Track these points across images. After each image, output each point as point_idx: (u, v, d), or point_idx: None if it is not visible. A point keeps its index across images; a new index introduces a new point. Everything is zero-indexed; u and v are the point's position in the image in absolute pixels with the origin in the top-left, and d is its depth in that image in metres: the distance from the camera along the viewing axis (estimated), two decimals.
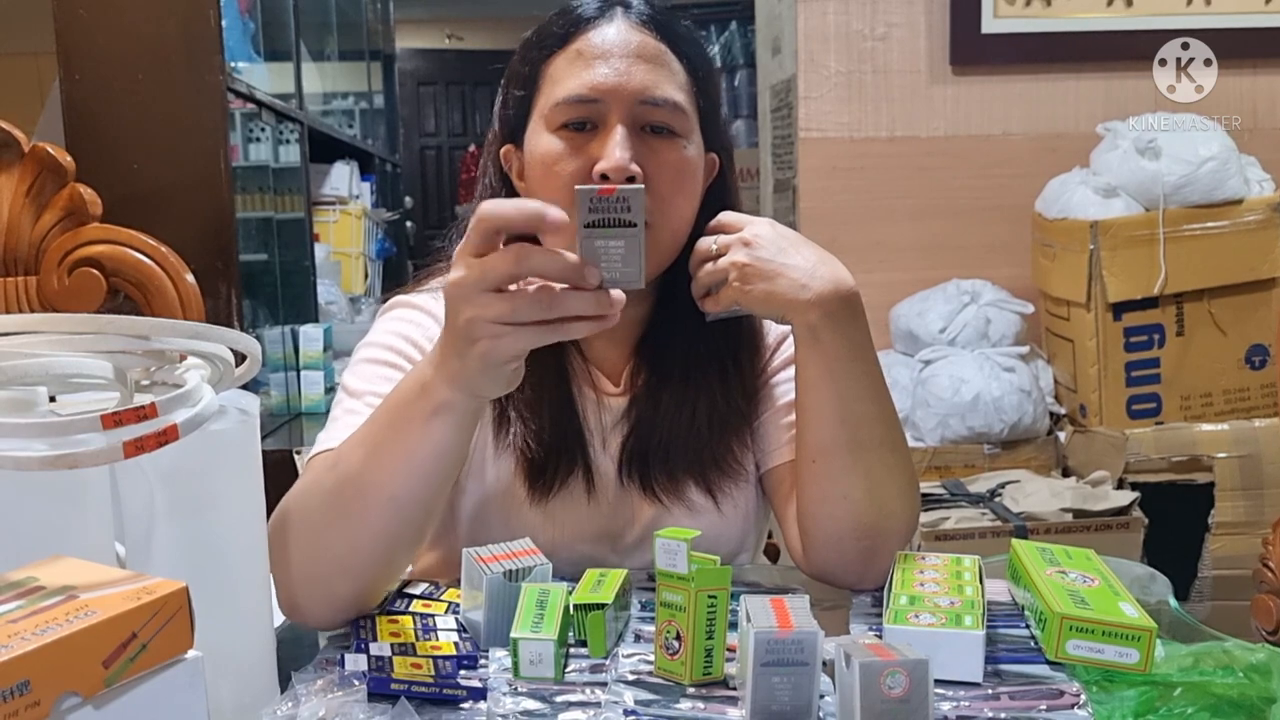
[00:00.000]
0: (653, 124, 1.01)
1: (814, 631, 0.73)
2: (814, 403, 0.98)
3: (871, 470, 0.96)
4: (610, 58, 1.00)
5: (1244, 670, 0.77)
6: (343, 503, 0.87)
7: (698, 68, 1.05)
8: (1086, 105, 2.66)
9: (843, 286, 0.95)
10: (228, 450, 0.75)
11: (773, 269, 0.94)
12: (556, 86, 1.01)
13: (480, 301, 0.77)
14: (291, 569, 0.88)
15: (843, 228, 2.70)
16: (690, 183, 1.03)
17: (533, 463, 1.04)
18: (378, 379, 1.02)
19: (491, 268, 0.77)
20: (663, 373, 1.07)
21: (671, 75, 1.02)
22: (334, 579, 0.88)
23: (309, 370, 2.74)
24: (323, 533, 0.87)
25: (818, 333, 0.94)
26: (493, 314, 0.77)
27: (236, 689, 0.75)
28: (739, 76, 4.86)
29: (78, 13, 2.00)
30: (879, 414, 0.98)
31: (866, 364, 0.97)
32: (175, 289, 1.12)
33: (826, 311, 0.94)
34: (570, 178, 0.99)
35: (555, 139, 1.01)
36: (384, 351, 1.05)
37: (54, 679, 0.50)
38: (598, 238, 0.78)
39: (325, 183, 3.41)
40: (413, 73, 7.12)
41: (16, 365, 0.67)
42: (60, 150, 1.12)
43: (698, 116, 1.04)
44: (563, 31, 1.04)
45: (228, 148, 2.09)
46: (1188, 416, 2.36)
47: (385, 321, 1.09)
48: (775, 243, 0.95)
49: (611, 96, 0.99)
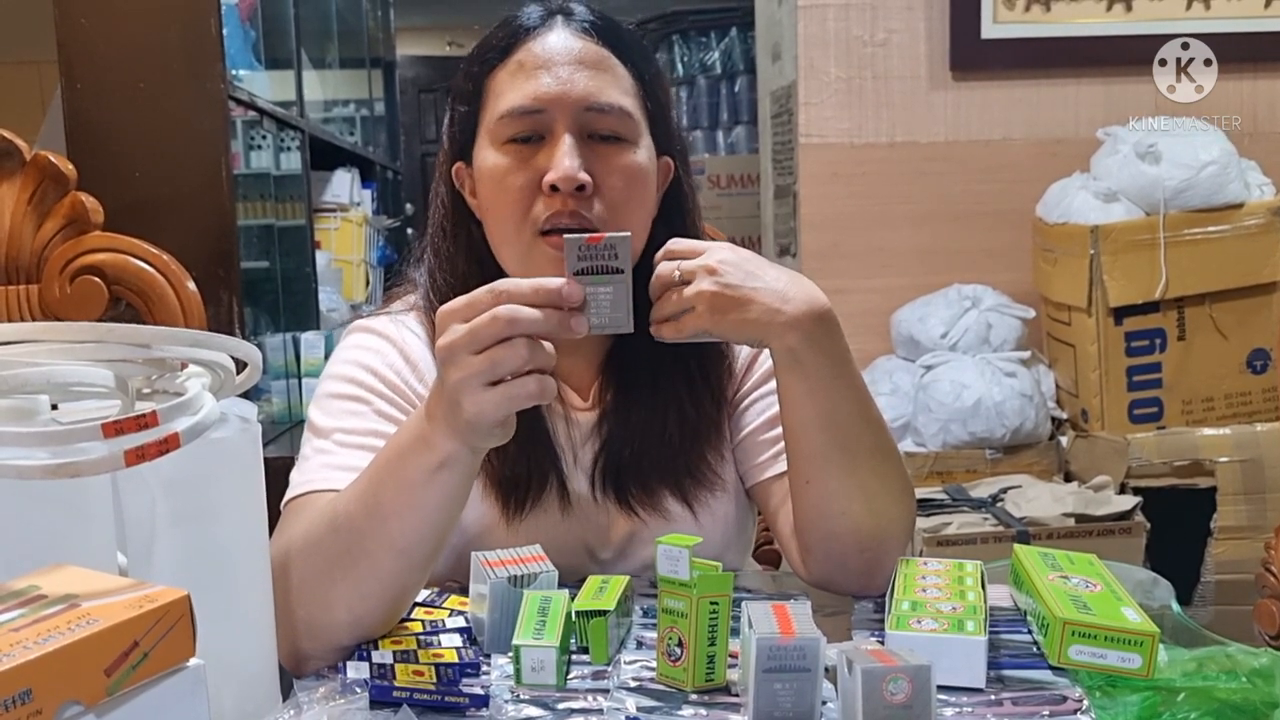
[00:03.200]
0: (600, 132, 0.99)
1: (816, 637, 0.73)
2: (801, 423, 0.95)
3: (866, 483, 0.95)
4: (552, 66, 0.99)
5: (1247, 675, 0.77)
6: (349, 561, 0.85)
7: (643, 71, 1.04)
8: (1086, 110, 2.66)
9: (817, 305, 0.92)
10: (229, 458, 0.75)
11: (744, 295, 0.89)
12: (500, 100, 1.00)
13: (466, 364, 0.78)
14: (297, 624, 0.86)
15: (844, 233, 2.70)
16: (642, 188, 1.01)
17: (504, 482, 1.03)
18: (343, 414, 1.02)
19: (479, 330, 0.78)
20: (631, 385, 1.06)
21: (616, 80, 1.01)
22: (341, 629, 0.87)
23: (310, 378, 2.74)
24: (329, 589, 0.86)
25: (798, 355, 0.92)
26: (477, 371, 0.78)
27: (239, 697, 0.75)
28: (739, 82, 4.86)
29: (79, 21, 2.00)
30: (866, 423, 0.96)
31: (849, 377, 0.95)
32: (177, 297, 1.12)
33: (804, 333, 0.91)
34: (519, 191, 0.98)
35: (502, 154, 1.00)
36: (346, 385, 1.04)
37: (56, 688, 0.50)
38: (586, 285, 0.81)
39: (326, 190, 3.41)
40: (414, 80, 7.13)
41: (18, 374, 0.67)
42: (62, 159, 1.12)
43: (647, 121, 1.03)
44: (503, 44, 1.02)
45: (229, 155, 2.09)
46: (1189, 421, 2.36)
47: (346, 350, 1.08)
48: (741, 267, 0.91)
49: (555, 105, 0.98)
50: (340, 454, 0.99)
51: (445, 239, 1.08)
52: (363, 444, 0.99)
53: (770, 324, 0.90)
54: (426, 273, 1.09)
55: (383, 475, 0.86)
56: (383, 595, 0.86)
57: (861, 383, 0.96)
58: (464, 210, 1.07)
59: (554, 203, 0.97)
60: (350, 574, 0.85)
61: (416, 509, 0.84)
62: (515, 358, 0.78)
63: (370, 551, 0.85)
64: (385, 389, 1.04)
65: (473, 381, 0.78)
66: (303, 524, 0.91)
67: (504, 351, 0.78)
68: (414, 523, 0.84)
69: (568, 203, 0.97)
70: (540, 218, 0.98)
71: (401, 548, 0.85)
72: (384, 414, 1.02)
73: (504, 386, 0.79)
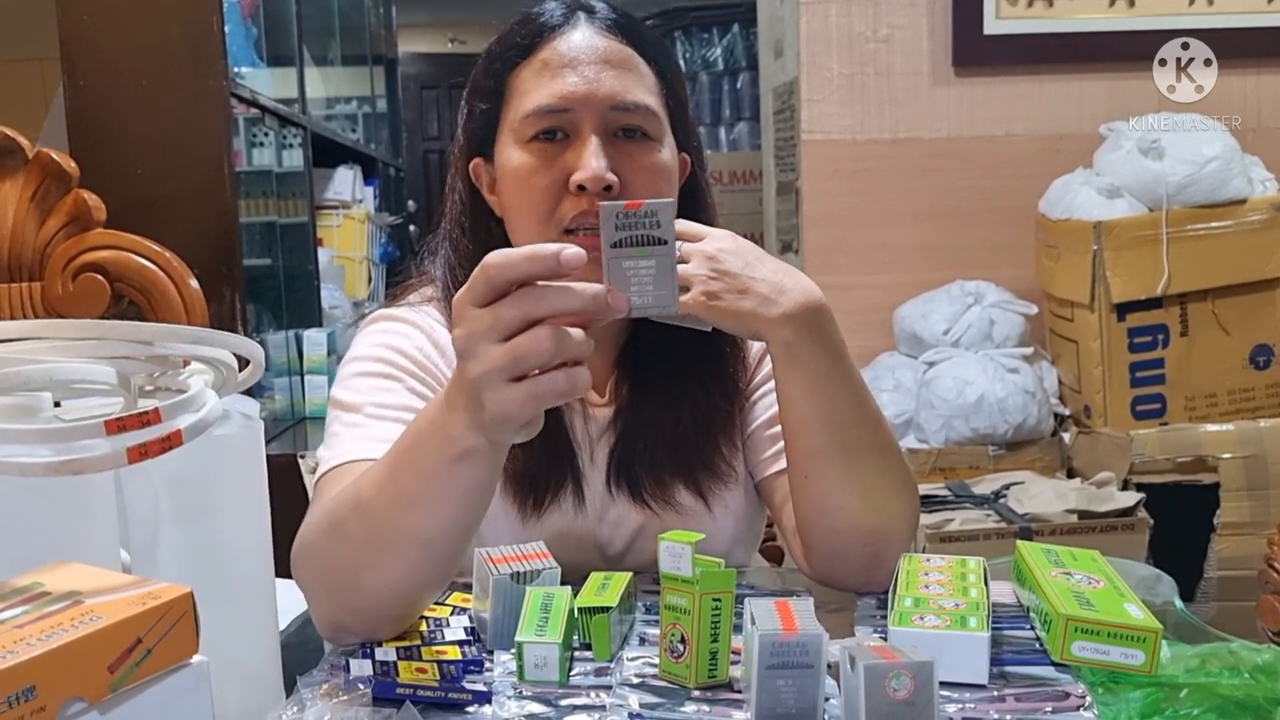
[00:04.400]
0: (625, 128, 0.99)
1: (819, 634, 0.73)
2: (798, 417, 0.95)
3: (865, 478, 0.95)
4: (578, 65, 0.99)
5: (1250, 671, 0.77)
6: (374, 550, 0.83)
7: (665, 69, 1.04)
8: (1089, 106, 2.66)
9: (812, 298, 0.91)
10: (232, 455, 0.75)
11: (741, 283, 0.89)
12: (525, 98, 1.00)
13: (487, 356, 0.70)
14: (333, 599, 0.86)
15: (846, 230, 2.70)
16: (666, 185, 1.02)
17: (522, 480, 1.03)
18: (374, 390, 1.01)
19: (501, 315, 0.70)
20: (646, 380, 1.06)
21: (640, 79, 1.01)
22: (373, 612, 0.85)
23: (313, 375, 2.74)
24: (358, 573, 0.84)
25: (793, 348, 0.91)
26: (498, 365, 0.70)
27: (242, 694, 0.75)
28: (741, 79, 4.86)
29: (82, 19, 2.00)
30: (863, 418, 0.95)
31: (845, 371, 0.94)
32: (179, 294, 1.12)
33: (800, 325, 0.90)
34: (545, 190, 0.98)
35: (526, 152, 1.00)
36: (375, 364, 1.03)
37: (59, 684, 0.50)
38: (625, 258, 0.70)
39: (328, 187, 3.41)
40: (415, 77, 7.13)
41: (20, 371, 0.67)
42: (64, 156, 1.12)
43: (668, 118, 1.03)
44: (526, 41, 1.02)
45: (231, 153, 2.10)
46: (1192, 417, 2.36)
47: (370, 335, 1.07)
48: (741, 256, 0.90)
49: (582, 105, 0.98)
50: (375, 426, 0.98)
51: (464, 235, 1.08)
52: (398, 417, 0.98)
53: (765, 316, 0.90)
54: (445, 267, 1.09)
55: (402, 463, 0.81)
56: (410, 586, 0.85)
57: (859, 378, 0.96)
58: (482, 206, 1.07)
59: (581, 202, 0.97)
60: (375, 565, 0.83)
61: (438, 501, 0.80)
62: (541, 350, 0.69)
63: (392, 543, 0.82)
64: (415, 368, 1.03)
65: (495, 376, 0.70)
66: (330, 504, 0.88)
67: (528, 342, 0.69)
68: (436, 515, 0.80)
69: (594, 203, 0.97)
70: (566, 217, 0.98)
71: (425, 540, 0.82)
72: (416, 391, 1.02)
73: (529, 383, 0.70)
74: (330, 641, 0.89)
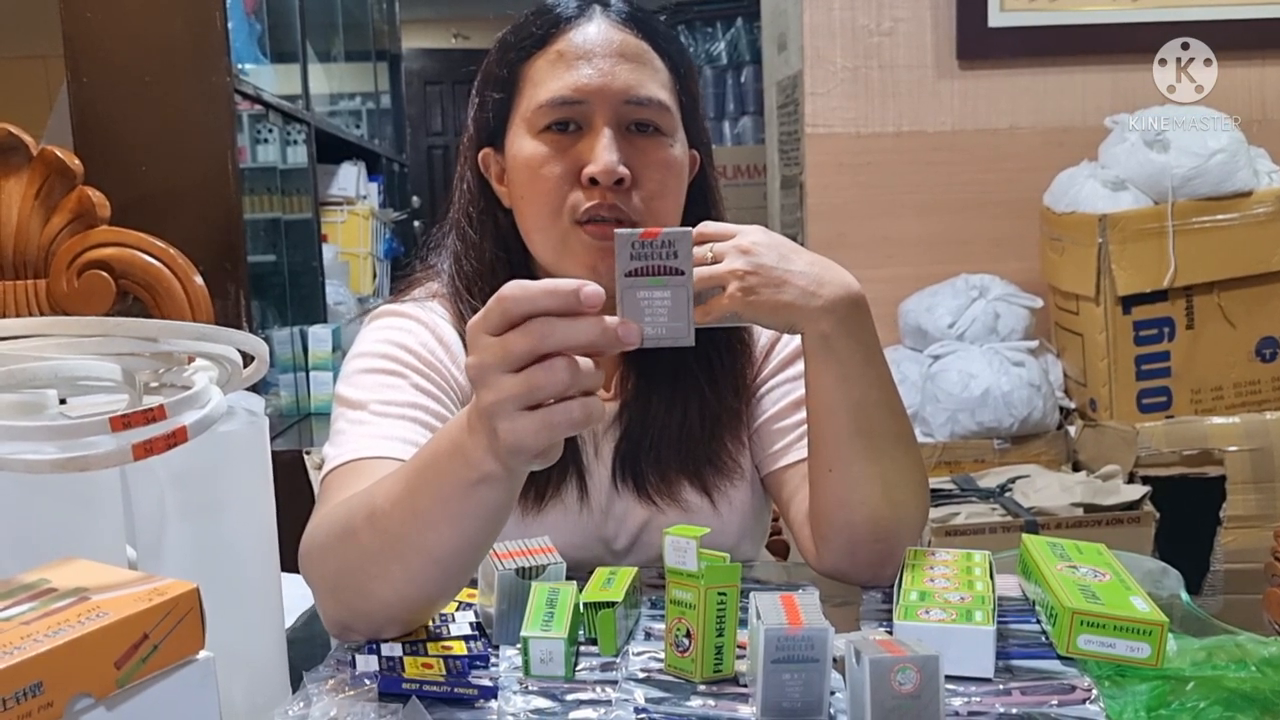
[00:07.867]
0: (638, 122, 0.99)
1: (824, 628, 0.72)
2: (828, 409, 0.94)
3: (887, 472, 0.95)
4: (593, 58, 0.99)
5: (1257, 664, 0.77)
6: (384, 562, 0.82)
7: (678, 64, 1.04)
8: (1094, 98, 2.65)
9: (851, 290, 0.91)
10: (237, 451, 0.75)
11: (779, 276, 0.88)
12: (538, 89, 1.00)
13: (500, 385, 0.69)
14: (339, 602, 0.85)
15: (850, 223, 2.70)
16: (677, 181, 1.02)
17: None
18: (379, 386, 1.00)
19: (512, 347, 0.69)
20: (652, 375, 1.06)
21: (654, 73, 1.01)
22: (379, 619, 0.84)
23: (318, 371, 2.75)
24: (367, 582, 0.83)
25: (831, 341, 0.91)
26: (511, 395, 0.69)
27: (248, 689, 0.75)
28: (745, 73, 4.85)
29: (85, 16, 2.00)
30: (891, 412, 0.96)
31: (878, 366, 0.94)
32: (184, 291, 1.12)
33: (839, 318, 0.90)
34: (556, 180, 0.98)
35: (539, 142, 1.00)
36: (380, 360, 1.03)
37: (66, 680, 0.50)
38: (640, 288, 0.70)
39: (332, 183, 3.42)
40: (419, 72, 7.12)
41: (26, 368, 0.67)
42: (68, 153, 1.12)
43: (681, 114, 1.03)
44: (541, 32, 1.02)
45: (235, 149, 2.10)
46: (1198, 410, 2.35)
47: (374, 331, 1.06)
48: (776, 249, 0.90)
49: (596, 97, 0.98)
50: (380, 423, 0.97)
51: (472, 225, 1.08)
52: (403, 414, 0.98)
53: (805, 308, 0.89)
54: (451, 258, 1.09)
55: (420, 480, 0.80)
56: (419, 599, 0.84)
57: (888, 371, 0.96)
58: (490, 196, 1.07)
59: (593, 195, 0.97)
60: (387, 572, 0.82)
61: (453, 521, 0.78)
62: (555, 381, 0.68)
63: (405, 556, 0.81)
64: (420, 364, 1.03)
65: (507, 405, 0.69)
66: (343, 507, 0.87)
67: (542, 374, 0.68)
68: (450, 534, 0.79)
69: (606, 195, 0.97)
70: (578, 208, 0.98)
71: (437, 557, 0.80)
72: (421, 388, 1.01)
73: (544, 412, 0.69)
74: (336, 639, 0.89)
